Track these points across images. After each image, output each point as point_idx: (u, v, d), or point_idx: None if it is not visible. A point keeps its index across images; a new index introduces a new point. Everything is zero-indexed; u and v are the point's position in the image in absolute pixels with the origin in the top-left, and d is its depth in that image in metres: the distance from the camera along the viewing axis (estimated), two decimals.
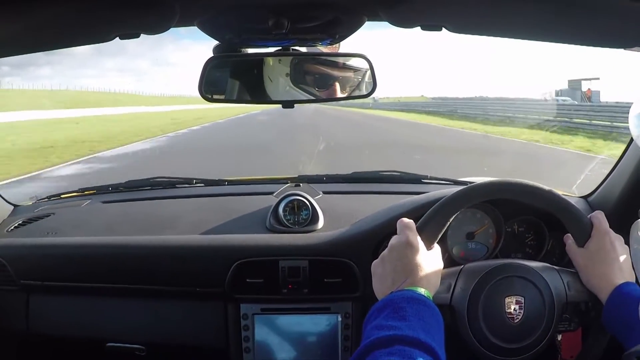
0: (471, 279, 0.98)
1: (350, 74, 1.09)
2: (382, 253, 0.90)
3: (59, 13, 0.82)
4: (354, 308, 1.36)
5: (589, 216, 0.99)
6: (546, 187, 1.01)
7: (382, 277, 0.88)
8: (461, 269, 1.02)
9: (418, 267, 0.85)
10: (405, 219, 0.92)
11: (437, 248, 0.94)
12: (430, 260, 0.89)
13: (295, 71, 1.06)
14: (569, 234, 1.01)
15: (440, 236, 0.96)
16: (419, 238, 0.90)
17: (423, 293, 0.82)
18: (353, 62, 1.09)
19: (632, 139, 1.28)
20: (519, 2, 0.82)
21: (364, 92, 1.11)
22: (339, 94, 1.09)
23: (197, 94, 1.07)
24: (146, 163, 10.38)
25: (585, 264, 0.97)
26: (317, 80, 1.08)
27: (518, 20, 0.91)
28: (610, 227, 0.98)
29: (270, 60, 1.07)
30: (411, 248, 0.87)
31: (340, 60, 1.09)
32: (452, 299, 0.98)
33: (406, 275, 0.84)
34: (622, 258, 0.95)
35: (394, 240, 0.90)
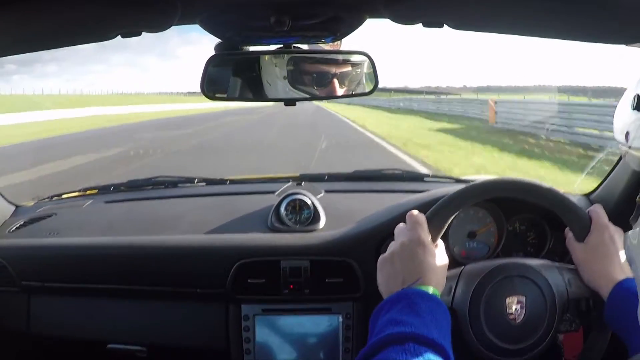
0: (471, 281, 0.98)
1: (348, 69, 1.09)
2: (391, 248, 0.88)
3: (60, 12, 0.82)
4: (356, 309, 1.35)
5: (587, 210, 0.98)
6: (545, 185, 1.01)
7: (391, 275, 0.85)
8: (461, 271, 1.01)
9: (429, 266, 0.84)
10: (415, 212, 0.90)
11: (441, 244, 0.93)
12: (438, 258, 0.88)
13: (293, 73, 1.05)
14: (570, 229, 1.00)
15: (442, 233, 0.95)
16: (429, 235, 0.88)
17: (433, 292, 0.81)
18: (353, 57, 1.09)
19: None
20: None
21: (366, 89, 1.10)
22: (339, 91, 1.08)
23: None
24: None
25: (585, 259, 0.97)
26: (316, 79, 1.07)
27: (519, 16, 0.91)
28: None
29: (266, 64, 1.06)
30: (423, 247, 0.85)
31: (340, 57, 1.09)
32: (453, 301, 0.98)
33: (418, 275, 0.83)
34: (622, 252, 0.93)
35: (404, 237, 0.87)
